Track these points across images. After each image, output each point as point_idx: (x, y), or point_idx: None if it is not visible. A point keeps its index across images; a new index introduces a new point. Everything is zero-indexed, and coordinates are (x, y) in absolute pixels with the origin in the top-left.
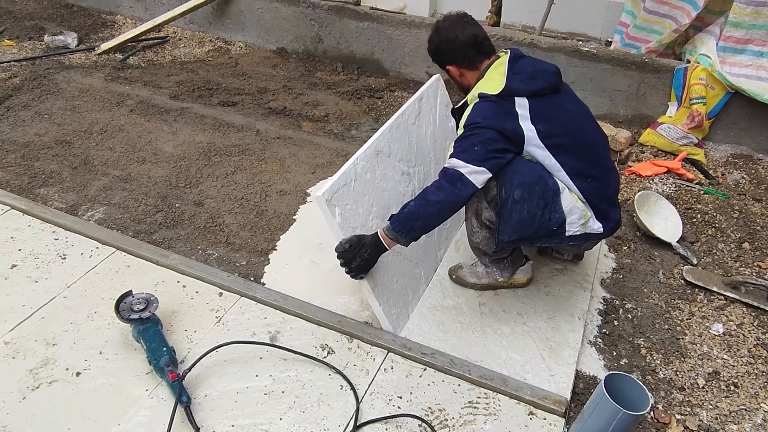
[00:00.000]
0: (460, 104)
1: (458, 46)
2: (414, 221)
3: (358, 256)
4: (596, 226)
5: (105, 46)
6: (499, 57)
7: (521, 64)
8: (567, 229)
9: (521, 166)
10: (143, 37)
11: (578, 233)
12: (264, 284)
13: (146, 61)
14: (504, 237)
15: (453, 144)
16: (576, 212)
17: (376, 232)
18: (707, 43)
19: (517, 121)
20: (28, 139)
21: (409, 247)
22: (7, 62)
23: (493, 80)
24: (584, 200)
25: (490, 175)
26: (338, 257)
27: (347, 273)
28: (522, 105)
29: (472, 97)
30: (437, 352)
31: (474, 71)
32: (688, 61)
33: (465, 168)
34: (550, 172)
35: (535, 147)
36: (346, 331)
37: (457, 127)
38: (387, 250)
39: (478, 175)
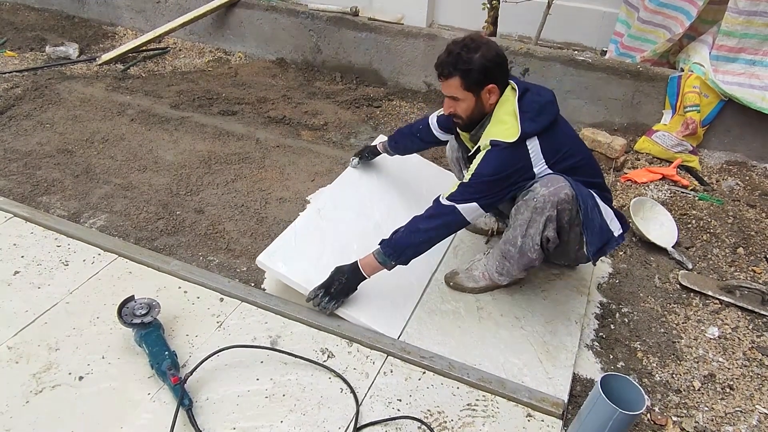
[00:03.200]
0: (472, 152)
1: (504, 62)
2: (404, 248)
3: (336, 281)
4: (618, 227)
5: (106, 56)
6: (505, 89)
7: (527, 100)
8: (612, 228)
9: (573, 182)
10: (144, 47)
11: (621, 232)
12: (264, 290)
13: (147, 71)
14: (593, 247)
15: (457, 185)
16: (609, 213)
17: (356, 261)
18: (700, 52)
19: (529, 163)
20: (30, 148)
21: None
22: (9, 73)
23: (505, 124)
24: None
25: (483, 212)
26: (312, 292)
27: (322, 305)
28: (533, 146)
29: (484, 144)
30: (436, 355)
31: (499, 96)
32: (682, 70)
33: (460, 205)
34: None
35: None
36: (345, 336)
37: (468, 164)
38: (366, 278)
39: (471, 211)
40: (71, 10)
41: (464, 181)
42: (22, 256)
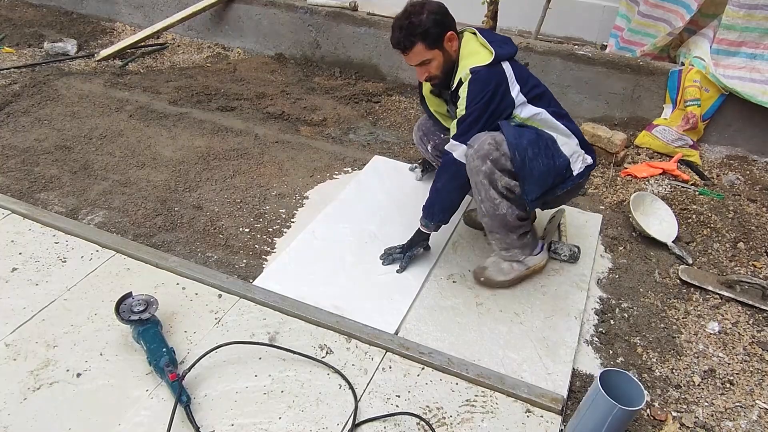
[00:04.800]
0: (454, 88)
1: (448, 12)
2: (431, 207)
3: (409, 241)
4: (588, 158)
5: (104, 52)
6: (462, 34)
7: (486, 35)
8: (573, 169)
9: (518, 129)
10: (142, 43)
11: (582, 169)
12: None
13: (145, 67)
14: (532, 195)
15: (455, 123)
16: (574, 152)
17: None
18: (701, 46)
19: (508, 85)
20: (28, 145)
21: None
22: (7, 69)
23: (478, 53)
24: (573, 135)
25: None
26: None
27: (394, 255)
28: (507, 69)
29: (465, 74)
30: (435, 351)
31: (458, 40)
32: (683, 64)
33: (457, 150)
34: (538, 124)
35: (522, 105)
36: (344, 332)
37: (454, 105)
38: (427, 235)
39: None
40: (69, 6)
41: (461, 114)
42: (20, 253)
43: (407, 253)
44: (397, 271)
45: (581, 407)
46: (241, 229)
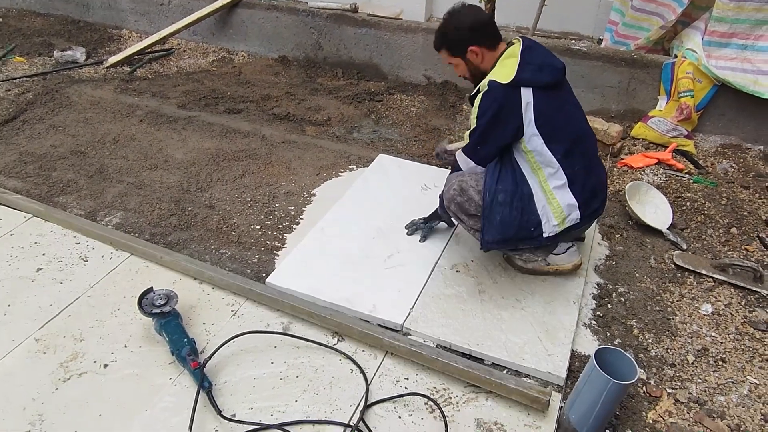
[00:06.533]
0: (474, 92)
1: (482, 26)
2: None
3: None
4: (574, 216)
5: (113, 59)
6: (513, 44)
7: (533, 54)
8: (543, 230)
9: (502, 173)
10: (149, 49)
11: (554, 233)
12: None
13: (153, 72)
14: (488, 236)
15: (468, 133)
16: (546, 215)
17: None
18: (693, 38)
19: (520, 111)
20: (44, 151)
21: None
22: (20, 78)
23: (505, 68)
24: (568, 187)
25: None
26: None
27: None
28: (527, 96)
29: (483, 85)
30: (438, 350)
31: (493, 52)
32: (676, 56)
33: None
34: (534, 166)
35: (531, 135)
36: (354, 319)
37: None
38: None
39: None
40: (76, 15)
41: (472, 126)
42: (44, 254)
43: (428, 224)
44: (420, 241)
45: (579, 384)
46: (252, 227)
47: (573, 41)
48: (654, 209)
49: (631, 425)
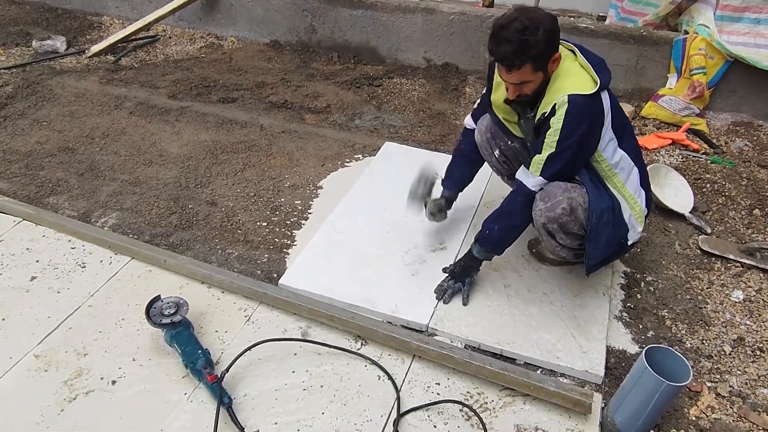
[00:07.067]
0: (532, 114)
1: (559, 29)
2: (490, 232)
3: (457, 266)
4: (646, 213)
5: (95, 48)
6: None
7: (588, 55)
8: (629, 238)
9: (598, 190)
10: (133, 37)
11: (636, 239)
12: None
13: (139, 61)
14: (593, 261)
15: (547, 157)
16: (632, 222)
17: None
18: (704, 13)
19: (604, 121)
20: (30, 148)
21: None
22: None
23: (577, 77)
24: (641, 186)
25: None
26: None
27: (447, 284)
28: (606, 100)
29: (561, 101)
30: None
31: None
32: (686, 32)
33: (531, 182)
34: (608, 173)
35: (608, 140)
36: (376, 322)
37: (534, 130)
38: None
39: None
40: (53, 2)
41: (550, 150)
42: (37, 261)
43: (466, 280)
44: (464, 304)
45: (625, 385)
46: (258, 224)
47: (572, 18)
48: (674, 192)
49: (674, 423)
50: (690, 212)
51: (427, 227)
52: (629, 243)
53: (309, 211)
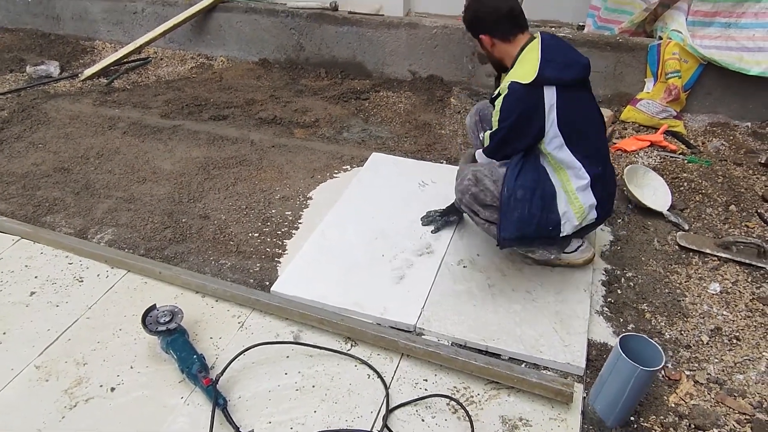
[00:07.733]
0: (494, 95)
1: (496, 16)
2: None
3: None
4: (592, 216)
5: (88, 71)
6: (534, 38)
7: (555, 50)
8: (562, 229)
9: (524, 170)
10: (125, 60)
11: (571, 232)
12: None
13: (131, 83)
14: (505, 233)
15: (488, 134)
16: (568, 215)
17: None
18: (677, 19)
19: (543, 113)
20: (26, 170)
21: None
22: None
23: (524, 67)
24: (590, 188)
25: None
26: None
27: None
28: (550, 96)
29: (503, 87)
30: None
31: (506, 44)
32: (660, 38)
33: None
34: (556, 167)
35: (552, 137)
36: (366, 323)
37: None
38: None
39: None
40: (46, 28)
41: (491, 129)
42: (36, 277)
43: (444, 217)
44: (432, 232)
45: (603, 373)
46: (250, 235)
47: (553, 28)
48: (653, 191)
49: (654, 410)
50: (668, 210)
51: (413, 233)
52: (561, 234)
53: (299, 221)
